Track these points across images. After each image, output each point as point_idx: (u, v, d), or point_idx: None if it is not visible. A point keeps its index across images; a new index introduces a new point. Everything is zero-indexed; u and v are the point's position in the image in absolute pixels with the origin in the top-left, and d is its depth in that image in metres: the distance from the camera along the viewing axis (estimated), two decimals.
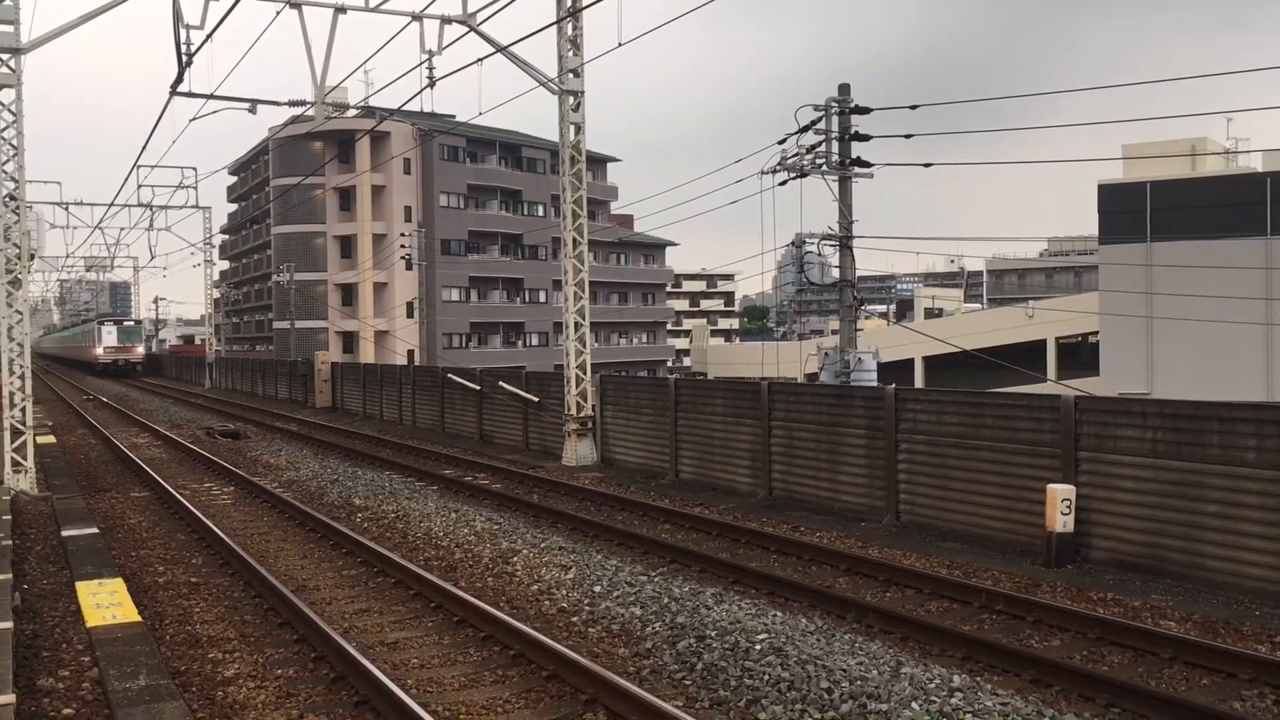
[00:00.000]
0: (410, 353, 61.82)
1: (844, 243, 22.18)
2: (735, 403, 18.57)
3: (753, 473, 17.98)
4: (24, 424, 18.51)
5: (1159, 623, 9.94)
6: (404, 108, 24.18)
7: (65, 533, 14.18)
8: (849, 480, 16.07)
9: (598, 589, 11.16)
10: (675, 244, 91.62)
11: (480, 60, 19.33)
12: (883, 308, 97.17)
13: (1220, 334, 38.75)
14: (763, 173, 21.99)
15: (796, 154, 21.72)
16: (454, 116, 71.00)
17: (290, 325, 58.62)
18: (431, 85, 20.00)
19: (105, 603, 10.30)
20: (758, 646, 8.89)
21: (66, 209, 49.24)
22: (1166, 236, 42.76)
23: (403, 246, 58.65)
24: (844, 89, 21.98)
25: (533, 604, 10.86)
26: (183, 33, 18.50)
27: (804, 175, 21.72)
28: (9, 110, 18.56)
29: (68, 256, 66.11)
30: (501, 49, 20.03)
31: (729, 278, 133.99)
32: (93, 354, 74.03)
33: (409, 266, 58.21)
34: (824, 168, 21.73)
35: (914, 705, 7.54)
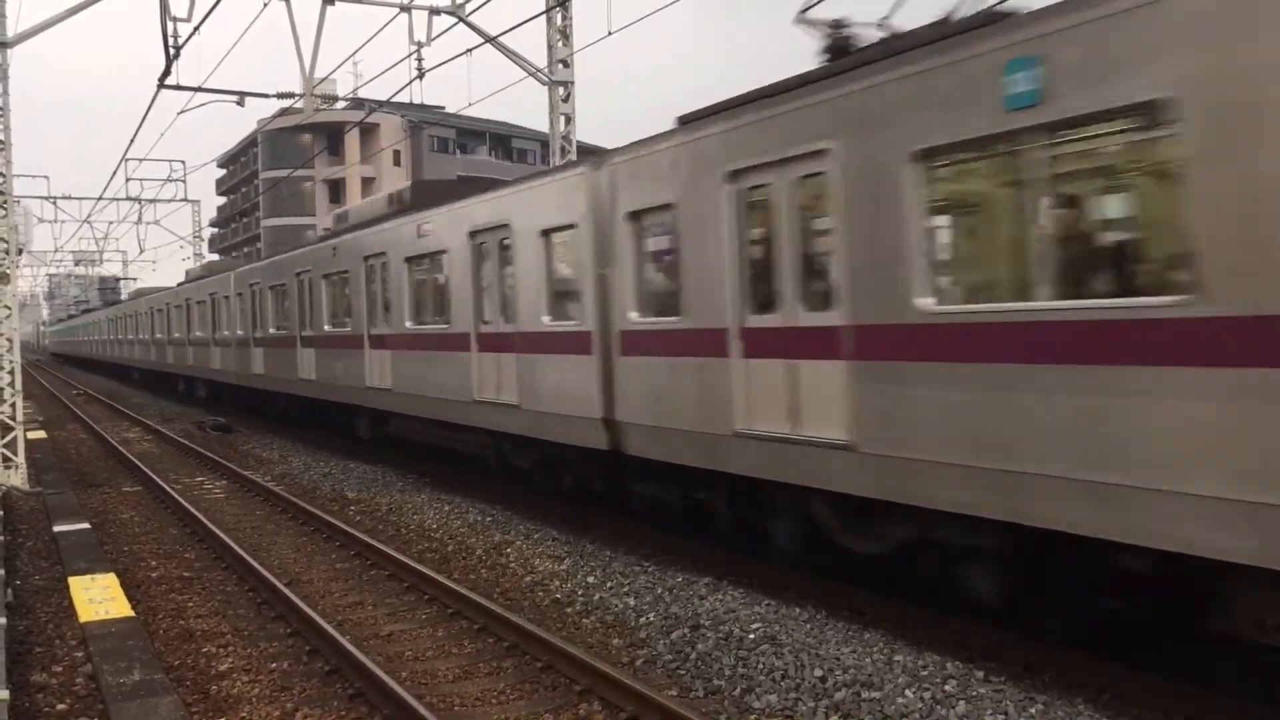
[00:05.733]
0: None
1: None
2: None
3: None
4: (14, 419, 18.46)
5: None
6: (393, 99, 24.11)
7: (57, 528, 14.15)
8: None
9: (591, 579, 11.17)
10: None
11: (469, 51, 19.34)
12: None
13: None
14: None
15: None
16: (443, 108, 70.82)
17: None
18: (420, 77, 19.96)
19: (98, 598, 10.30)
20: (751, 636, 8.91)
21: (55, 203, 49.04)
22: None
23: None
24: None
25: (527, 595, 10.87)
26: (170, 25, 18.42)
27: None
28: None
29: (56, 251, 65.84)
30: (490, 39, 19.99)
31: None
32: None
33: None
34: None
35: (908, 693, 7.57)
